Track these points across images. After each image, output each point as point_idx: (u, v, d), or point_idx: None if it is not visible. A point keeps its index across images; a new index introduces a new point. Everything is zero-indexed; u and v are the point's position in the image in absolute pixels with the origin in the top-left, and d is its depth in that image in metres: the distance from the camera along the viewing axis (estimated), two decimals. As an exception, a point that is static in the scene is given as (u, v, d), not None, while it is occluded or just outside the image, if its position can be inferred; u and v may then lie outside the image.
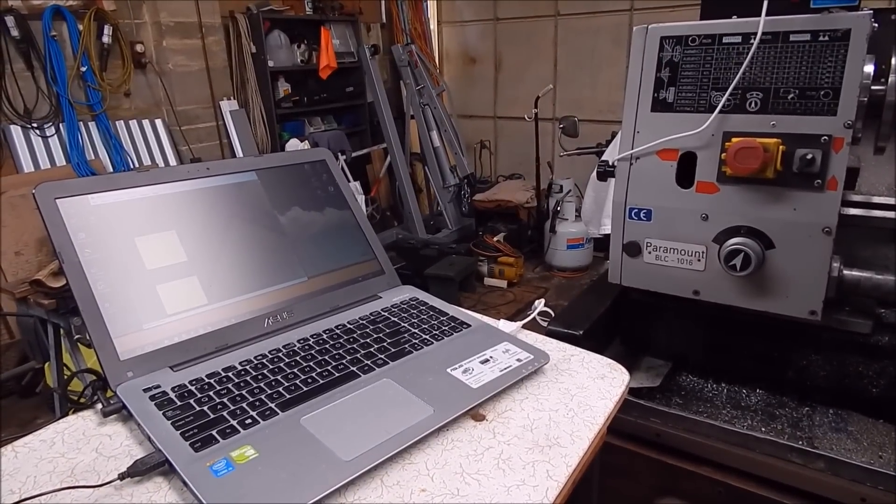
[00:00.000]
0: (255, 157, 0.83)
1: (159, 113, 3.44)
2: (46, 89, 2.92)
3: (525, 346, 0.73)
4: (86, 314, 0.63)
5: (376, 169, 4.84)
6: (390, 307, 0.81)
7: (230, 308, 0.71)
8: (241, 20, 3.83)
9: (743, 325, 1.10)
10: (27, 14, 2.82)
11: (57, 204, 0.65)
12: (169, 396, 0.60)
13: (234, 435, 0.55)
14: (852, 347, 1.02)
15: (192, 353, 0.67)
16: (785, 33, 0.87)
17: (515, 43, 4.73)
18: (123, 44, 3.19)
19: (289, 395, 0.61)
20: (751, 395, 1.14)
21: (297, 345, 0.71)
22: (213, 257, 0.73)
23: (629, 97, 1.01)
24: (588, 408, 0.65)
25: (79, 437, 0.60)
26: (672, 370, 1.22)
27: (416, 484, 0.53)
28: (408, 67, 4.00)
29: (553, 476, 0.54)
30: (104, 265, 0.65)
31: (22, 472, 0.55)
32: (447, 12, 5.12)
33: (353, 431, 0.57)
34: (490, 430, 0.61)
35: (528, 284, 3.65)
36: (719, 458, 0.95)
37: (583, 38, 4.36)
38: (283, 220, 0.80)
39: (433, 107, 4.04)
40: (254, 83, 3.94)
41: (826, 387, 1.07)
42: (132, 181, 0.71)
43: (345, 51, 4.53)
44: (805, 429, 1.05)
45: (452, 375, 0.66)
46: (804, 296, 0.94)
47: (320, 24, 4.34)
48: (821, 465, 0.87)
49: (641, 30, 0.99)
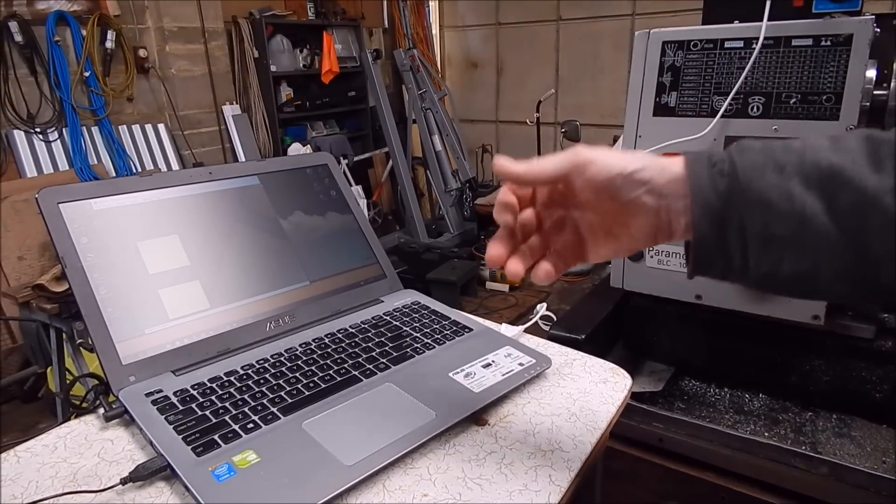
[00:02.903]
0: (257, 162, 0.83)
1: (162, 118, 3.45)
2: (50, 94, 2.93)
3: (527, 350, 0.73)
4: (88, 319, 0.63)
5: (378, 173, 4.85)
6: (392, 311, 0.81)
7: (232, 312, 0.72)
8: (244, 25, 3.84)
9: (745, 329, 1.10)
10: (31, 19, 2.83)
11: (60, 208, 0.65)
12: (171, 401, 0.60)
13: (236, 439, 0.55)
14: (855, 352, 1.02)
15: (195, 357, 0.67)
16: (787, 38, 0.87)
17: (517, 47, 4.74)
18: (126, 49, 3.20)
19: (291, 399, 0.61)
20: (753, 400, 1.14)
21: (299, 349, 0.71)
22: (216, 262, 0.73)
23: (631, 101, 1.01)
24: (590, 412, 0.65)
25: (81, 441, 0.60)
26: (674, 375, 1.22)
27: (419, 489, 0.53)
28: (410, 72, 4.01)
29: (555, 481, 0.54)
30: (107, 270, 0.66)
31: (24, 476, 0.55)
32: (449, 17, 5.14)
33: (354, 436, 0.57)
34: (492, 435, 0.61)
35: (529, 289, 3.65)
36: (722, 462, 0.94)
37: (585, 43, 4.37)
38: (286, 225, 0.80)
39: (435, 111, 4.05)
40: (256, 88, 3.95)
41: (829, 392, 1.07)
42: (135, 186, 0.71)
43: (347, 55, 4.55)
44: (808, 434, 1.04)
45: (454, 380, 0.66)
46: (807, 300, 0.94)
47: (323, 28, 4.36)
48: (824, 471, 0.87)
49: (643, 34, 0.99)
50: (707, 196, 0.41)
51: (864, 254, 0.39)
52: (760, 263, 0.41)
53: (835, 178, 0.39)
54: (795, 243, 0.40)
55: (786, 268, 0.41)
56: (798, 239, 0.40)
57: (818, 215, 0.39)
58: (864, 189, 0.38)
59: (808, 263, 0.40)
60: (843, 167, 0.39)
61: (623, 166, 0.43)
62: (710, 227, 0.42)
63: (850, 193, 0.38)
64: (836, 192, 0.39)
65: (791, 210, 0.39)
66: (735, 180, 0.41)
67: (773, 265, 0.41)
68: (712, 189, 0.41)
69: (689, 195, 0.42)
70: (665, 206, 0.43)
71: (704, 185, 0.42)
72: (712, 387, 1.19)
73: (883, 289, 0.40)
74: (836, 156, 0.39)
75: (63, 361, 2.00)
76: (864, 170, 0.38)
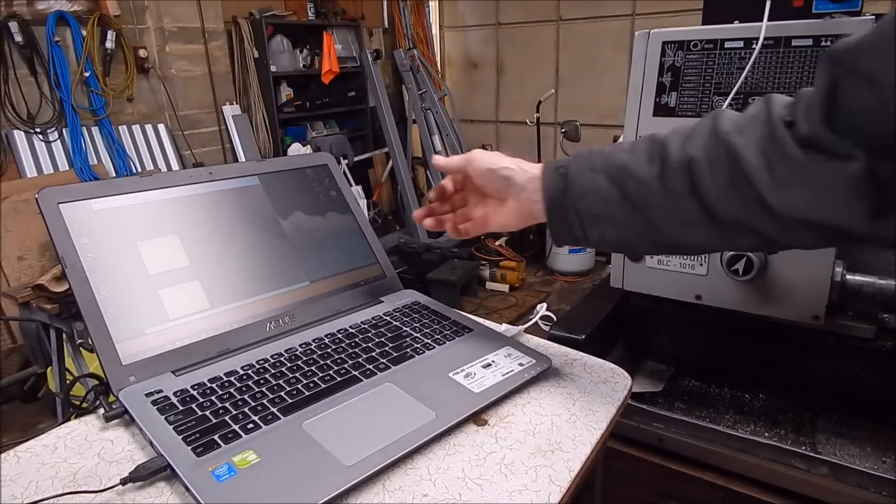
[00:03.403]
0: (257, 162, 0.83)
1: (162, 118, 3.45)
2: (50, 94, 2.93)
3: (527, 350, 0.73)
4: (88, 319, 0.63)
5: (378, 173, 4.85)
6: (392, 311, 0.81)
7: (232, 312, 0.72)
8: (244, 25, 3.84)
9: (745, 329, 1.10)
10: (31, 19, 2.83)
11: (60, 209, 0.65)
12: (171, 401, 0.60)
13: (236, 440, 0.55)
14: (855, 352, 1.02)
15: (195, 357, 0.67)
16: (787, 38, 0.87)
17: (517, 47, 4.74)
18: (126, 49, 3.20)
19: (291, 399, 0.61)
20: (753, 400, 1.14)
21: (299, 349, 0.71)
22: (216, 262, 0.73)
23: (631, 102, 1.01)
24: (590, 412, 0.65)
25: (81, 441, 0.60)
26: (674, 375, 1.22)
27: (419, 489, 0.53)
28: (410, 72, 4.01)
29: (555, 481, 0.54)
30: (107, 270, 0.66)
31: (24, 477, 0.55)
32: (449, 17, 5.14)
33: (354, 436, 0.57)
34: (492, 435, 0.61)
35: (529, 289, 3.65)
36: (722, 463, 0.94)
37: (585, 43, 4.36)
38: (286, 225, 0.80)
39: (435, 111, 4.05)
40: (256, 88, 3.95)
41: (829, 392, 1.07)
42: (135, 186, 0.71)
43: (347, 55, 4.55)
44: (808, 434, 1.04)
45: (454, 380, 0.66)
46: (807, 300, 0.94)
47: (323, 28, 4.35)
48: (824, 471, 0.87)
49: (643, 35, 0.99)
50: (552, 190, 0.59)
51: (649, 221, 0.53)
52: (593, 234, 0.57)
53: (624, 172, 0.54)
54: (608, 219, 0.55)
55: (609, 235, 0.56)
56: (609, 216, 0.55)
57: (618, 199, 0.54)
58: (642, 177, 0.52)
59: (622, 232, 0.56)
60: (628, 163, 0.54)
61: (492, 163, 0.63)
62: (556, 211, 0.59)
63: (634, 181, 0.53)
64: (626, 181, 0.54)
65: (600, 196, 0.55)
66: (569, 178, 0.57)
67: (601, 234, 0.57)
68: (556, 186, 0.58)
69: (541, 190, 0.60)
70: (526, 197, 0.61)
71: (550, 183, 0.59)
72: (712, 387, 1.19)
73: (670, 247, 0.55)
74: (627, 156, 0.54)
75: (63, 361, 1.99)
76: (643, 164, 0.53)
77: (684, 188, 0.50)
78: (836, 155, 0.40)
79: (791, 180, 0.42)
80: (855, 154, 0.39)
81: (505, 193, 0.63)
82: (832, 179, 0.40)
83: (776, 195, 0.43)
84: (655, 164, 0.51)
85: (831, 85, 0.40)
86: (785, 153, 0.42)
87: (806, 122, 0.41)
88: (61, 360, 1.98)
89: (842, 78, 0.39)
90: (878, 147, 0.38)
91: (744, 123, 0.46)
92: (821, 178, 0.40)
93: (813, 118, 0.41)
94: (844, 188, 0.39)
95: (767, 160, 0.43)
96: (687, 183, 0.49)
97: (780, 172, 0.43)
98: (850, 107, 0.39)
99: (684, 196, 0.50)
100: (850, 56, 0.39)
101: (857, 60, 0.38)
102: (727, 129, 0.47)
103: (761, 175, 0.43)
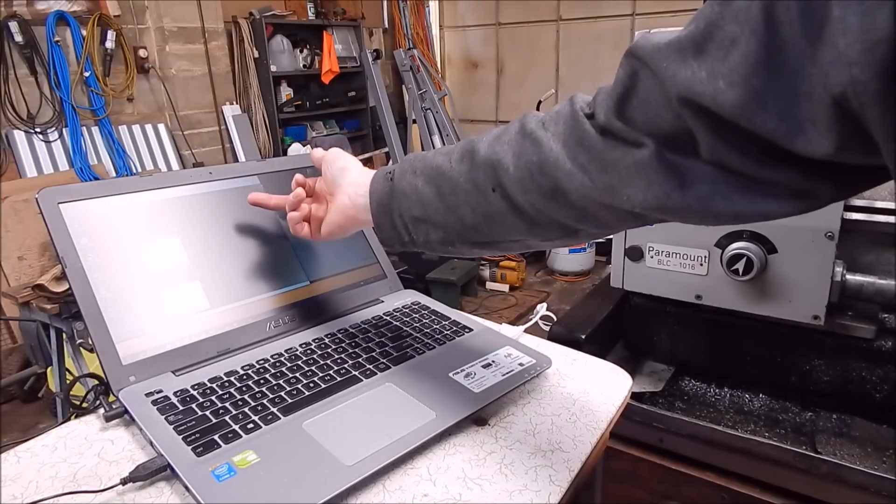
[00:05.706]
0: (257, 162, 0.83)
1: (162, 118, 3.45)
2: (50, 94, 2.93)
3: (527, 350, 0.73)
4: (88, 319, 0.63)
5: (378, 173, 4.84)
6: (392, 311, 0.81)
7: (232, 312, 0.72)
8: (244, 25, 3.84)
9: (746, 329, 1.10)
10: (31, 19, 2.83)
11: (60, 209, 0.65)
12: (171, 401, 0.60)
13: (236, 440, 0.55)
14: (855, 352, 1.02)
15: (195, 357, 0.67)
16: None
17: (517, 47, 4.74)
18: (126, 49, 3.20)
19: (291, 399, 0.61)
20: (754, 400, 1.14)
21: (299, 349, 0.71)
22: (216, 262, 0.73)
23: (631, 102, 1.01)
24: (590, 412, 0.65)
25: (81, 441, 0.60)
26: (675, 375, 1.22)
27: (419, 489, 0.53)
28: (410, 72, 4.01)
29: (555, 481, 0.54)
30: (107, 270, 0.66)
31: (24, 477, 0.55)
32: (449, 17, 5.14)
33: (355, 436, 0.57)
34: (492, 435, 0.61)
35: (530, 289, 3.65)
36: (722, 463, 0.95)
37: (585, 43, 4.37)
38: (286, 225, 0.80)
39: (435, 111, 4.05)
40: (256, 88, 3.95)
41: (829, 392, 1.07)
42: (135, 186, 0.71)
43: (347, 55, 4.55)
44: (808, 434, 1.05)
45: (454, 380, 0.66)
46: (807, 300, 0.94)
47: (323, 28, 4.36)
48: (824, 471, 0.87)
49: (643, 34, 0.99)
50: (380, 195, 0.59)
51: (462, 220, 0.54)
52: (417, 236, 0.57)
53: (438, 172, 0.55)
54: (428, 220, 0.56)
55: (432, 236, 0.56)
56: (428, 217, 0.55)
57: (433, 199, 0.55)
58: (453, 176, 0.53)
59: (442, 232, 0.56)
60: (443, 164, 0.55)
61: (340, 157, 0.66)
62: (384, 215, 0.59)
63: (446, 181, 0.54)
64: (440, 182, 0.54)
65: (419, 198, 0.56)
66: (393, 182, 0.58)
67: (425, 236, 0.57)
68: (383, 189, 0.59)
69: (369, 193, 0.60)
70: (354, 191, 0.62)
71: (378, 188, 0.59)
72: (712, 387, 1.19)
73: (487, 244, 0.55)
74: (443, 157, 0.55)
75: (63, 361, 1.99)
76: (455, 164, 0.54)
77: (488, 183, 0.51)
78: (627, 142, 0.43)
79: (591, 167, 0.45)
80: (643, 141, 0.42)
81: (336, 186, 0.64)
82: (625, 164, 0.43)
83: (577, 181, 0.46)
84: (465, 162, 0.53)
85: (629, 77, 0.43)
86: (585, 142, 0.45)
87: (602, 113, 0.44)
88: (61, 360, 1.98)
89: (638, 72, 0.42)
90: (661, 136, 0.41)
91: (548, 119, 0.49)
92: (616, 162, 0.44)
93: (609, 109, 0.44)
94: (635, 171, 0.43)
95: (569, 150, 0.46)
96: (491, 177, 0.51)
97: (581, 159, 0.45)
98: (642, 99, 0.42)
99: (488, 191, 0.51)
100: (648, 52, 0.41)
101: (654, 57, 0.41)
102: (532, 126, 0.49)
103: (563, 163, 0.46)
